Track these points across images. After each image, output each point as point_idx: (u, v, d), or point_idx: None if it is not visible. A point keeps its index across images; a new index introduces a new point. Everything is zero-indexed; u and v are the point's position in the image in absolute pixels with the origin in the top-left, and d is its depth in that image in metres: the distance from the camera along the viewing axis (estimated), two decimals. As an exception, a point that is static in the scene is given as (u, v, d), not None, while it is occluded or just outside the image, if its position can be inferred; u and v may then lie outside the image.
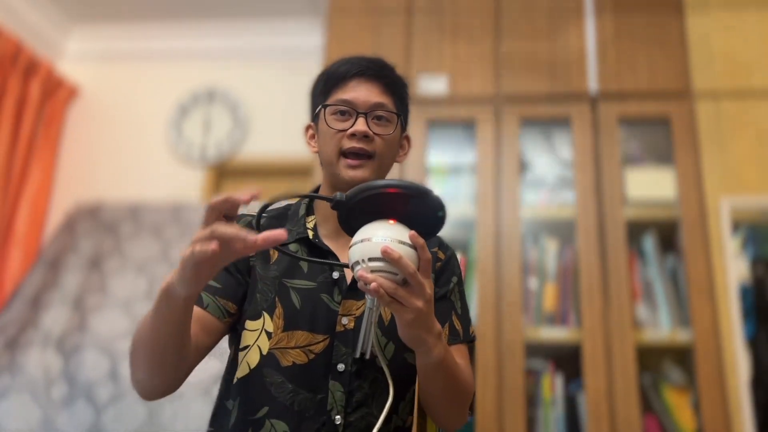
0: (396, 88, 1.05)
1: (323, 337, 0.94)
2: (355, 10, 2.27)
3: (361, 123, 0.98)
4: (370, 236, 0.80)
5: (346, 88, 1.02)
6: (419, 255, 0.80)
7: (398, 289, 0.78)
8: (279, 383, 0.92)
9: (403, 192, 0.81)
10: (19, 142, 2.81)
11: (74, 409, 2.08)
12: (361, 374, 0.93)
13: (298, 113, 2.87)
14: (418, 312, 0.79)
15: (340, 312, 0.95)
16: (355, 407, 0.91)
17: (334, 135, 1.00)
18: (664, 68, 2.06)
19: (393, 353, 0.95)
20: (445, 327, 0.99)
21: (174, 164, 2.95)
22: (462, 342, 1.01)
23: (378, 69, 1.03)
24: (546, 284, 1.97)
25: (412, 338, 0.83)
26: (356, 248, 0.81)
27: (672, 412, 1.83)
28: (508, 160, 2.03)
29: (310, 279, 0.98)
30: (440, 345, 0.85)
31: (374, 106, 1.00)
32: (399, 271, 0.78)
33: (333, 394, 0.91)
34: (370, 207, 0.83)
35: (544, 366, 1.92)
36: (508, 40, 2.16)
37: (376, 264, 0.79)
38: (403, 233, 0.81)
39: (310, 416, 0.90)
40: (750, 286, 1.84)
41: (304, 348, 0.93)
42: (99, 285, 2.43)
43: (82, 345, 2.22)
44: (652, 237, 1.97)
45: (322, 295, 0.96)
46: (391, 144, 1.02)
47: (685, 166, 1.96)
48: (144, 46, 3.15)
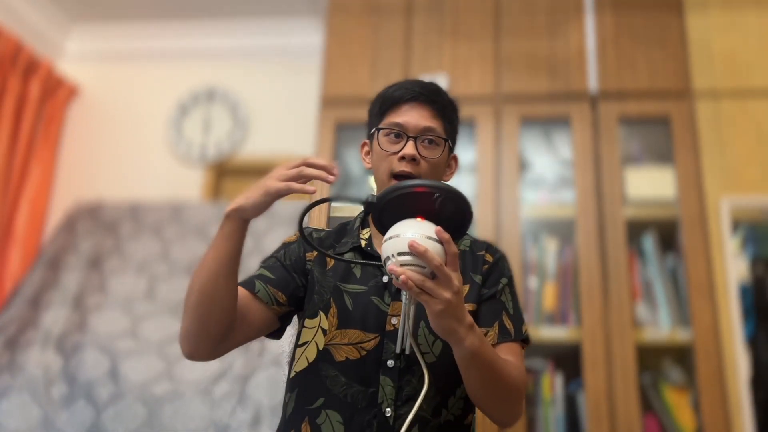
0: (446, 113, 1.11)
1: (374, 335, 1.00)
2: (355, 10, 2.27)
3: (410, 147, 1.06)
4: (399, 233, 0.86)
5: (399, 112, 1.08)
6: (446, 249, 0.85)
7: (426, 281, 0.83)
8: (333, 376, 0.99)
9: (430, 190, 0.87)
10: (18, 142, 2.81)
11: (74, 408, 2.08)
12: (409, 370, 0.98)
13: (298, 113, 2.87)
14: (447, 303, 0.84)
15: (389, 312, 1.01)
16: (405, 401, 0.97)
17: (385, 157, 1.08)
18: (664, 68, 2.06)
19: (441, 349, 0.99)
20: (495, 326, 1.03)
21: (174, 164, 2.96)
22: (513, 340, 1.04)
23: (429, 94, 1.09)
24: (546, 284, 1.97)
25: (443, 329, 0.87)
26: (387, 244, 0.87)
27: (672, 411, 1.83)
28: (507, 160, 2.03)
29: (363, 283, 1.05)
30: (472, 336, 0.88)
31: (424, 130, 1.07)
32: (426, 264, 0.83)
33: (383, 388, 0.97)
34: (401, 207, 0.89)
35: (544, 365, 1.92)
36: (508, 40, 2.16)
37: (405, 258, 0.84)
38: (430, 229, 0.86)
39: (363, 408, 0.97)
40: (750, 285, 1.84)
41: (356, 345, 1.00)
42: (99, 284, 2.43)
43: (82, 344, 2.22)
44: (652, 236, 1.97)
45: (373, 297, 1.03)
46: (437, 166, 1.09)
47: (685, 166, 1.96)
48: (144, 46, 3.15)
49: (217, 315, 0.97)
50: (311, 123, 2.57)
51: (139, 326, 2.28)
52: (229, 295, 0.97)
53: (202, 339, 0.99)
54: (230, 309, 0.98)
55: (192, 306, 0.96)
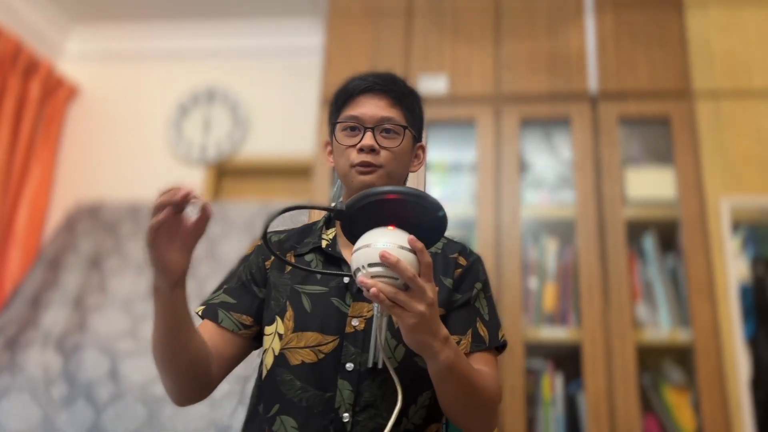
0: (405, 101, 1.07)
1: (333, 337, 0.96)
2: (355, 10, 2.27)
3: (368, 137, 1.02)
4: (369, 242, 0.81)
5: (355, 104, 1.05)
6: (419, 259, 0.81)
7: (398, 293, 0.79)
8: (288, 381, 0.95)
9: (401, 197, 0.83)
10: (19, 142, 2.81)
11: (74, 408, 2.08)
12: (369, 375, 0.93)
13: (298, 113, 2.87)
14: (421, 316, 0.80)
15: (350, 314, 0.97)
16: (364, 407, 0.92)
17: (344, 150, 1.04)
18: (664, 68, 2.06)
19: (403, 356, 0.95)
20: (468, 334, 0.99)
21: (174, 164, 2.95)
22: (488, 349, 1.00)
23: (385, 83, 1.06)
24: (546, 284, 1.97)
25: (417, 343, 0.83)
26: (357, 255, 0.82)
27: (672, 411, 1.83)
28: (508, 160, 2.03)
29: (323, 284, 1.01)
30: (447, 350, 0.84)
31: (381, 120, 1.03)
32: (398, 275, 0.79)
33: (341, 392, 0.93)
34: (371, 214, 0.84)
35: (544, 366, 1.92)
36: (508, 40, 2.16)
37: (376, 269, 0.79)
38: (402, 238, 0.82)
39: (319, 413, 0.92)
40: (750, 285, 1.84)
41: (313, 348, 0.96)
42: (99, 285, 2.43)
43: (82, 345, 2.22)
44: (652, 237, 1.97)
45: (333, 299, 0.99)
46: (399, 155, 1.04)
47: (685, 166, 1.96)
48: (144, 46, 3.15)
49: (186, 373, 0.95)
50: (311, 123, 2.57)
51: (139, 326, 2.28)
52: (189, 354, 0.93)
53: (185, 394, 0.98)
54: (198, 361, 0.95)
55: (162, 372, 0.95)
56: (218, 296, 1.06)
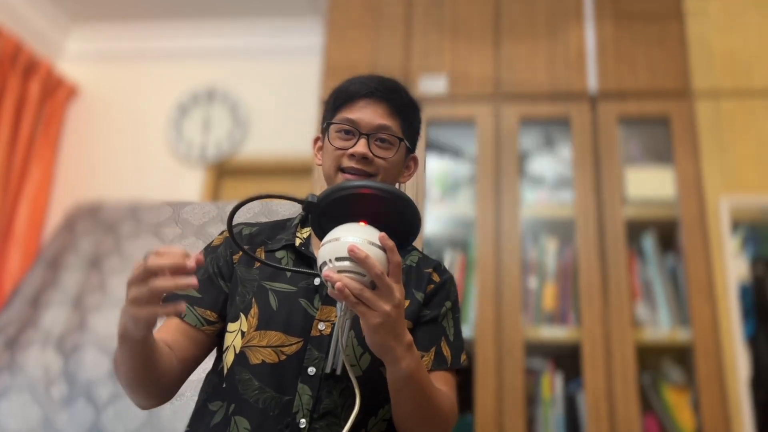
0: (404, 111, 1.04)
1: (297, 339, 0.93)
2: (355, 10, 2.27)
3: (361, 144, 0.98)
4: (339, 236, 0.79)
5: (353, 108, 1.01)
6: (389, 258, 0.79)
7: (364, 290, 0.76)
8: (246, 380, 0.91)
9: (376, 193, 0.80)
10: (18, 142, 2.81)
11: (74, 408, 2.08)
12: (332, 381, 0.91)
13: (298, 113, 2.87)
14: (386, 316, 0.77)
15: (317, 317, 0.94)
16: (322, 414, 0.89)
17: (334, 152, 1.01)
18: (664, 68, 2.06)
19: (368, 365, 0.92)
20: (431, 351, 0.96)
21: (174, 164, 2.96)
22: (449, 369, 0.98)
23: (387, 91, 1.02)
24: (545, 283, 1.97)
25: (379, 345, 0.80)
26: (324, 248, 0.79)
27: (672, 411, 1.83)
28: (507, 160, 2.03)
29: (292, 283, 0.97)
30: (410, 357, 0.82)
31: (377, 128, 1.00)
32: (366, 272, 0.76)
33: (300, 396, 0.89)
34: (343, 209, 0.81)
35: (544, 365, 1.92)
36: (508, 40, 2.16)
37: (343, 264, 0.77)
38: (373, 234, 0.79)
39: (274, 416, 0.89)
40: (749, 285, 1.84)
41: (275, 348, 0.92)
42: (99, 284, 2.43)
43: (82, 344, 2.22)
44: (652, 236, 1.97)
45: (301, 300, 0.96)
46: (392, 166, 1.01)
47: (685, 166, 1.96)
48: (144, 46, 3.15)
49: (153, 389, 0.93)
50: (311, 123, 2.57)
51: (139, 326, 2.28)
52: (156, 375, 0.90)
53: (150, 404, 0.96)
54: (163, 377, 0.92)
55: (128, 391, 0.92)
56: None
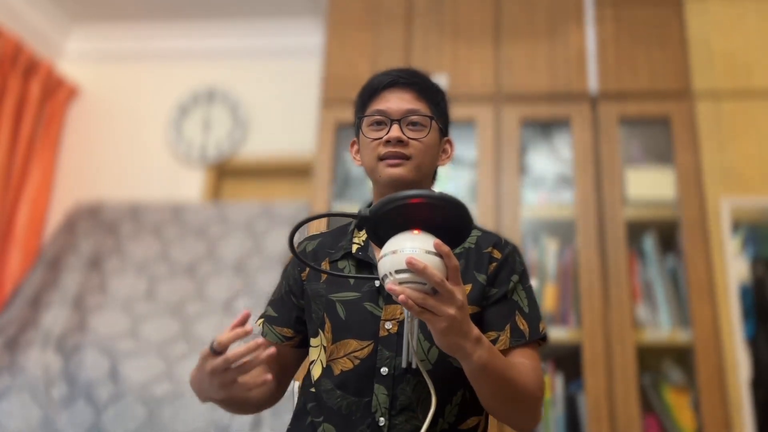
0: (429, 94, 1.07)
1: (368, 342, 0.97)
2: (356, 10, 2.27)
3: (395, 130, 1.02)
4: (396, 249, 0.81)
5: (380, 99, 1.05)
6: (446, 263, 0.81)
7: (427, 299, 0.79)
8: (329, 390, 0.97)
9: (426, 201, 0.83)
10: (19, 142, 2.80)
11: (74, 409, 2.08)
12: (404, 378, 0.94)
13: (298, 113, 2.87)
14: (451, 319, 0.80)
15: (382, 317, 0.97)
16: (400, 410, 0.93)
17: (371, 144, 1.04)
18: (664, 68, 2.06)
19: (437, 357, 0.95)
20: (506, 329, 0.98)
21: (174, 164, 2.95)
22: (527, 342, 0.99)
23: (409, 77, 1.06)
24: (546, 284, 1.96)
25: (449, 346, 0.83)
26: (383, 262, 0.82)
27: (672, 412, 1.83)
28: (507, 160, 2.03)
29: (356, 290, 1.01)
30: (480, 349, 0.85)
31: (407, 112, 1.03)
32: (426, 281, 0.79)
33: (377, 396, 0.94)
34: (396, 219, 0.84)
35: (545, 366, 1.92)
36: (508, 40, 2.16)
37: (403, 276, 0.80)
38: (428, 242, 0.82)
39: (357, 419, 0.94)
40: (750, 286, 1.84)
41: (350, 355, 0.97)
42: (99, 285, 2.43)
43: (82, 345, 2.22)
44: (652, 237, 1.97)
45: (366, 304, 0.99)
46: (428, 147, 1.04)
47: (685, 166, 1.96)
48: (144, 46, 3.14)
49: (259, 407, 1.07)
50: (311, 123, 2.57)
51: (139, 327, 2.28)
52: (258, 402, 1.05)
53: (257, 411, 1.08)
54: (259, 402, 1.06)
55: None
56: (268, 308, 1.12)
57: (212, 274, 2.41)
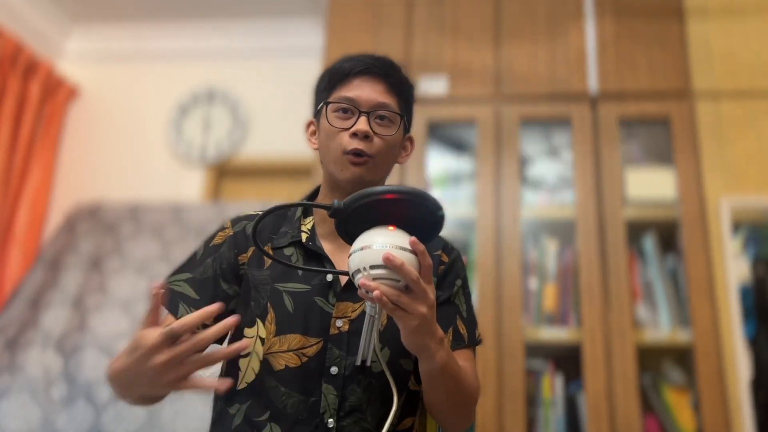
0: (401, 89, 1.03)
1: (316, 340, 0.93)
2: (356, 10, 2.27)
3: (362, 122, 0.97)
4: (370, 243, 0.80)
5: (350, 86, 1.00)
6: (420, 261, 0.80)
7: (401, 296, 0.78)
8: (273, 387, 0.92)
9: (402, 197, 0.81)
10: (18, 143, 2.80)
11: (74, 409, 2.08)
12: (354, 378, 0.91)
13: (298, 113, 2.87)
14: (422, 318, 0.79)
15: (334, 314, 0.94)
16: (348, 411, 0.90)
17: (335, 133, 0.99)
18: (664, 68, 2.06)
19: (389, 358, 0.93)
20: (449, 332, 0.98)
21: (174, 164, 2.95)
22: (467, 346, 0.99)
23: (383, 68, 1.01)
24: (546, 284, 1.96)
25: (416, 345, 0.83)
26: (356, 256, 0.80)
27: (672, 412, 1.82)
28: (508, 160, 2.03)
29: (305, 282, 0.96)
30: (442, 350, 0.84)
31: (377, 105, 0.99)
32: (401, 278, 0.78)
33: (326, 397, 0.90)
34: (368, 213, 0.82)
35: (544, 366, 1.92)
36: (508, 40, 2.16)
37: (378, 271, 0.78)
38: (404, 239, 0.81)
39: (303, 419, 0.90)
40: (750, 286, 1.84)
41: (296, 351, 0.92)
42: (99, 285, 2.43)
43: (82, 345, 2.22)
44: (652, 237, 1.97)
45: (316, 298, 0.95)
46: (391, 145, 1.00)
47: (686, 166, 1.95)
48: (144, 46, 3.14)
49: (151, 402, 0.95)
50: (311, 123, 2.57)
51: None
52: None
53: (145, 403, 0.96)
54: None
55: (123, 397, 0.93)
56: (180, 283, 0.98)
57: (212, 275, 2.41)
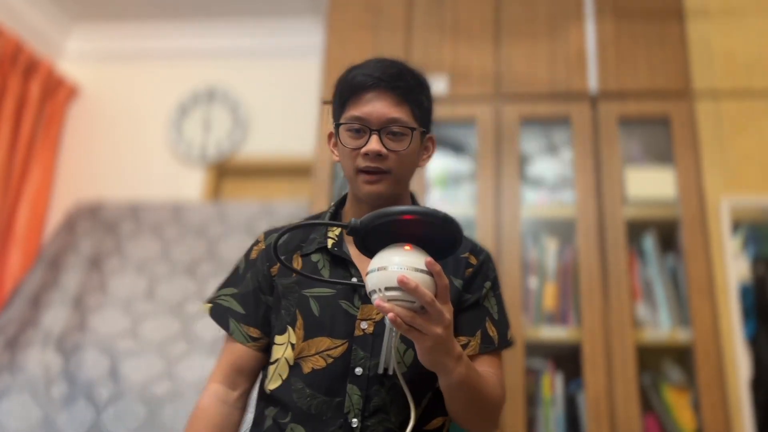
0: (413, 97, 1.01)
1: (342, 341, 0.95)
2: (355, 9, 2.27)
3: (374, 141, 0.97)
4: (386, 264, 0.80)
5: (360, 103, 0.99)
6: (436, 282, 0.81)
7: (416, 318, 0.79)
8: (300, 389, 0.95)
9: (418, 218, 0.82)
10: (19, 142, 2.80)
11: (74, 408, 2.08)
12: (379, 379, 0.93)
13: (298, 112, 2.87)
14: (437, 338, 0.80)
15: (358, 317, 0.96)
16: (373, 412, 0.92)
17: (350, 153, 1.00)
18: (664, 68, 2.06)
19: (412, 360, 0.94)
20: (477, 335, 0.98)
21: (174, 164, 2.95)
22: (496, 350, 1.00)
23: (391, 79, 0.99)
24: (546, 283, 1.96)
25: (432, 363, 0.83)
26: (372, 276, 0.81)
27: (672, 411, 1.82)
28: (507, 160, 2.03)
29: (331, 286, 0.99)
30: (461, 366, 0.85)
31: (388, 121, 0.98)
32: (416, 300, 0.79)
33: (350, 397, 0.92)
34: (387, 230, 0.83)
35: (544, 365, 1.92)
36: (508, 39, 2.16)
37: (393, 293, 0.79)
38: (420, 260, 0.81)
39: (327, 419, 0.92)
40: (750, 285, 1.84)
41: (322, 353, 0.95)
42: (99, 284, 2.43)
43: (82, 344, 2.22)
44: (652, 236, 1.97)
45: (341, 301, 0.97)
46: (407, 157, 1.00)
47: (686, 166, 1.95)
48: (144, 46, 3.14)
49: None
50: (312, 123, 2.57)
51: (140, 326, 2.28)
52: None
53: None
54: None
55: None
56: (227, 298, 1.05)
57: (212, 274, 2.41)
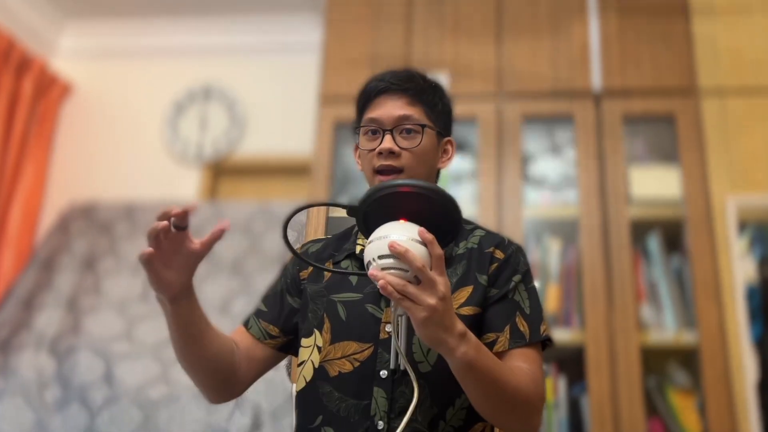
0: (424, 97, 1.06)
1: (368, 345, 0.96)
2: (355, 5, 2.25)
3: (387, 140, 1.02)
4: (381, 236, 0.82)
5: (373, 106, 1.05)
6: (430, 251, 0.81)
7: (407, 285, 0.79)
8: (328, 392, 0.96)
9: (413, 190, 0.83)
10: (11, 140, 2.78)
11: (68, 412, 2.06)
12: (403, 381, 0.93)
13: (296, 111, 2.84)
14: (431, 310, 0.79)
15: (383, 319, 0.97)
16: (399, 413, 0.92)
17: (367, 155, 1.05)
18: (669, 65, 2.04)
19: (436, 359, 0.93)
20: (506, 330, 0.96)
21: (170, 163, 2.93)
22: (528, 344, 0.96)
23: (401, 82, 1.05)
24: (549, 285, 1.94)
25: (430, 338, 0.82)
26: (368, 248, 0.83)
27: (677, 415, 1.81)
28: (509, 159, 2.01)
29: (357, 291, 1.01)
30: (464, 346, 0.82)
31: (399, 119, 1.03)
32: (408, 266, 0.79)
33: (376, 400, 0.93)
34: (385, 210, 0.85)
35: (548, 368, 1.90)
36: (510, 36, 2.13)
37: (385, 261, 0.80)
38: (413, 230, 0.82)
39: (356, 422, 0.93)
40: (757, 286, 1.82)
41: (349, 357, 0.97)
42: (93, 286, 2.41)
43: (76, 347, 2.20)
44: (657, 237, 1.95)
45: (368, 305, 0.99)
46: (421, 155, 1.03)
47: (691, 165, 1.94)
48: (139, 43, 3.12)
49: (208, 374, 1.02)
50: (310, 121, 2.54)
51: (134, 328, 2.26)
52: (207, 358, 1.00)
53: (212, 393, 1.05)
54: (219, 364, 1.02)
55: (185, 371, 1.03)
56: (258, 304, 1.12)
57: (208, 275, 2.38)
